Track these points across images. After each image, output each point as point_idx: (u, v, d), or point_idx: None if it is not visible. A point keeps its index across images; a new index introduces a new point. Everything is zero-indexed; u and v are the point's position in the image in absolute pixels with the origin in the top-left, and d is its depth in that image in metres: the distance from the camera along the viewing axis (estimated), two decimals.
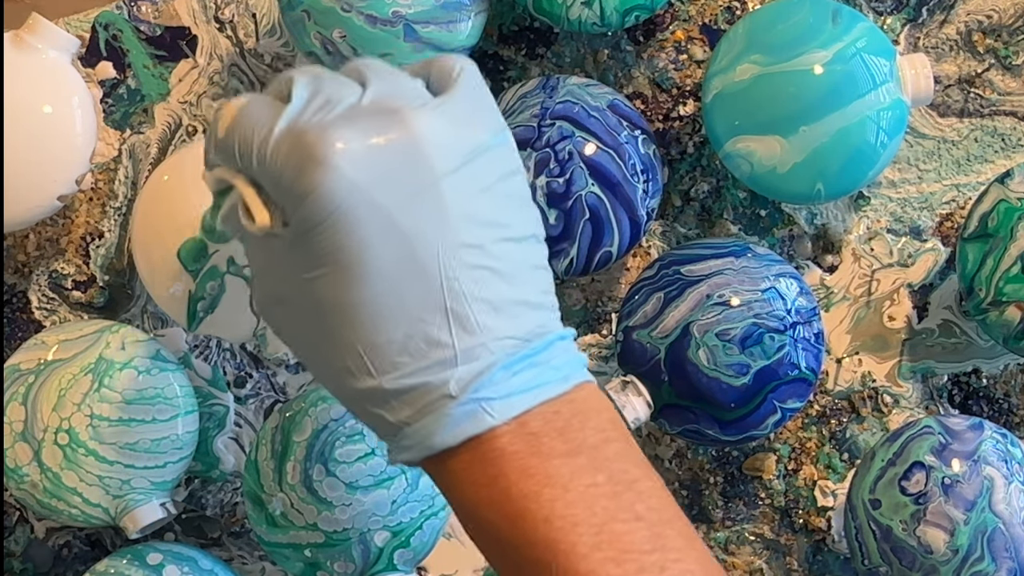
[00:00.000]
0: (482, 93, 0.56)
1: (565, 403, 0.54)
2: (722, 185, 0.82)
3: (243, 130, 0.54)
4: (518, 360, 0.53)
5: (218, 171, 0.55)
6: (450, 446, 0.53)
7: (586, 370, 0.56)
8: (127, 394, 0.77)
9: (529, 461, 0.52)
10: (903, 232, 0.82)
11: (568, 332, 0.56)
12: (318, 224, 0.52)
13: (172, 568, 0.77)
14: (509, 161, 0.56)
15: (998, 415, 0.81)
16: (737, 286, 0.73)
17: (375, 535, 0.74)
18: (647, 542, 0.52)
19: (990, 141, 0.81)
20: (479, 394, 0.52)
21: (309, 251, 0.52)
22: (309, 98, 0.53)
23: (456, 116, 0.54)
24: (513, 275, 0.54)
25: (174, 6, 0.84)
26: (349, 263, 0.52)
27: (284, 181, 0.52)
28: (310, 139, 0.51)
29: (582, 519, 0.51)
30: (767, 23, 0.74)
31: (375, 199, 0.51)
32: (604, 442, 0.54)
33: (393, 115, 0.53)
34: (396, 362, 0.53)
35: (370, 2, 0.74)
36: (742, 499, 0.82)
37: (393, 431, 0.54)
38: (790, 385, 0.73)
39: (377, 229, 0.52)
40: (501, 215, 0.54)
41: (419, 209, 0.52)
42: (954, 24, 0.81)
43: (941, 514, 0.70)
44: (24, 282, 0.85)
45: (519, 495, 0.52)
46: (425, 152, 0.52)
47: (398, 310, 0.52)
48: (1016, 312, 0.73)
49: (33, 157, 0.78)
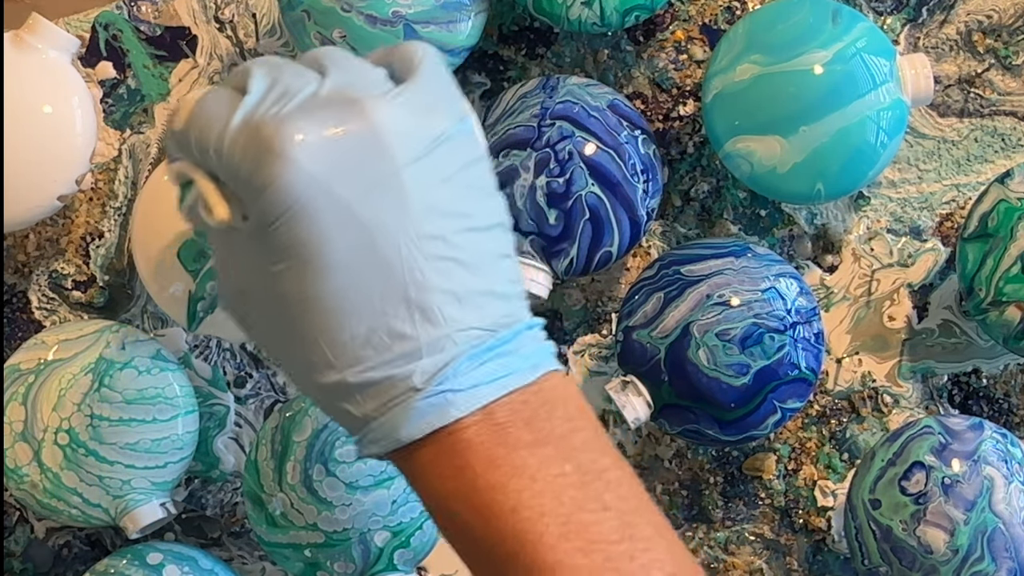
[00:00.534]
0: (444, 80, 0.55)
1: (533, 393, 0.53)
2: (722, 185, 0.82)
3: (201, 123, 0.53)
4: (484, 351, 0.52)
5: (178, 164, 0.55)
6: (416, 439, 0.52)
7: (555, 359, 0.55)
8: (127, 394, 0.77)
9: (495, 452, 0.52)
10: (903, 232, 0.82)
11: (536, 321, 0.55)
12: (277, 218, 0.51)
13: (172, 568, 0.77)
14: (472, 149, 0.55)
15: (998, 415, 0.81)
16: (737, 286, 0.73)
17: (375, 535, 0.74)
18: (615, 532, 0.51)
19: (990, 141, 0.81)
20: (444, 386, 0.52)
21: (269, 245, 0.52)
22: (267, 89, 0.53)
23: (417, 105, 0.53)
24: (478, 265, 0.53)
25: (174, 6, 0.84)
26: (309, 256, 0.51)
27: (242, 174, 0.51)
28: (267, 132, 0.51)
29: (549, 509, 0.51)
30: (767, 23, 0.74)
31: (334, 191, 0.51)
32: (572, 431, 0.53)
33: (352, 105, 0.52)
34: (360, 356, 0.52)
35: (370, 2, 0.74)
36: (742, 499, 0.82)
37: (360, 425, 0.54)
38: (790, 385, 0.73)
39: (337, 222, 0.51)
40: (464, 204, 0.53)
41: (379, 201, 0.51)
42: (954, 24, 0.81)
43: (941, 514, 0.70)
44: (24, 282, 0.85)
45: (486, 486, 0.51)
46: (385, 142, 0.51)
47: (360, 303, 0.52)
48: (1016, 312, 0.73)
49: (33, 157, 0.78)
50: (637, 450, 0.82)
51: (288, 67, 0.54)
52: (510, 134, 0.75)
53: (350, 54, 0.55)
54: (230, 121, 0.52)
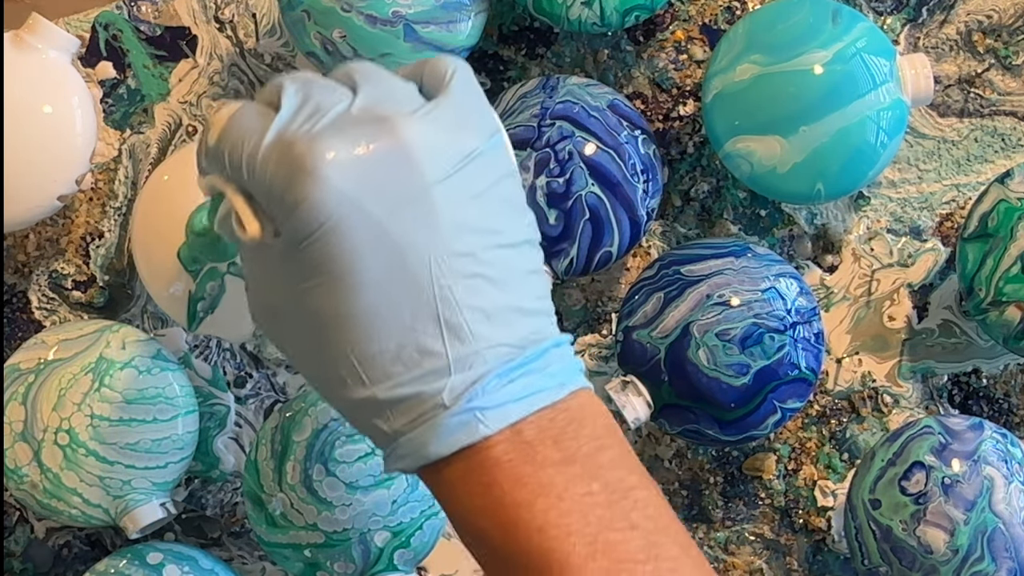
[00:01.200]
0: (475, 96, 0.56)
1: (560, 411, 0.53)
2: (722, 185, 0.82)
3: (233, 139, 0.53)
4: (513, 368, 0.53)
5: (210, 179, 0.55)
6: (444, 455, 0.53)
7: (583, 376, 0.55)
8: (127, 394, 0.77)
9: (523, 470, 0.52)
10: (903, 232, 0.82)
11: (564, 338, 0.55)
12: (309, 235, 0.51)
13: (172, 568, 0.77)
14: (502, 165, 0.55)
15: (998, 415, 0.81)
16: (737, 286, 0.73)
17: (375, 535, 0.74)
18: (642, 551, 0.51)
19: (990, 141, 0.81)
20: (473, 403, 0.52)
21: (301, 261, 0.52)
22: (298, 106, 0.53)
23: (447, 122, 0.53)
24: (506, 282, 0.53)
25: (174, 6, 0.84)
26: (341, 273, 0.52)
27: (274, 192, 0.52)
28: (299, 150, 0.51)
29: (576, 528, 0.51)
30: (767, 23, 0.74)
31: (365, 209, 0.51)
32: (599, 450, 0.53)
33: (383, 123, 0.52)
34: (389, 372, 0.52)
35: (370, 2, 0.74)
36: (742, 499, 0.82)
37: (388, 440, 0.54)
38: (790, 385, 0.73)
39: (368, 239, 0.51)
40: (494, 221, 0.54)
41: (410, 218, 0.52)
42: (954, 24, 0.81)
43: (941, 514, 0.70)
44: (24, 282, 0.85)
45: (513, 504, 0.52)
46: (415, 160, 0.52)
47: (391, 320, 0.52)
48: (1016, 312, 0.73)
49: (33, 157, 0.78)
50: (637, 450, 0.82)
51: (320, 83, 0.54)
52: (510, 134, 0.75)
53: (382, 69, 0.56)
54: (262, 138, 0.52)
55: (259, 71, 0.84)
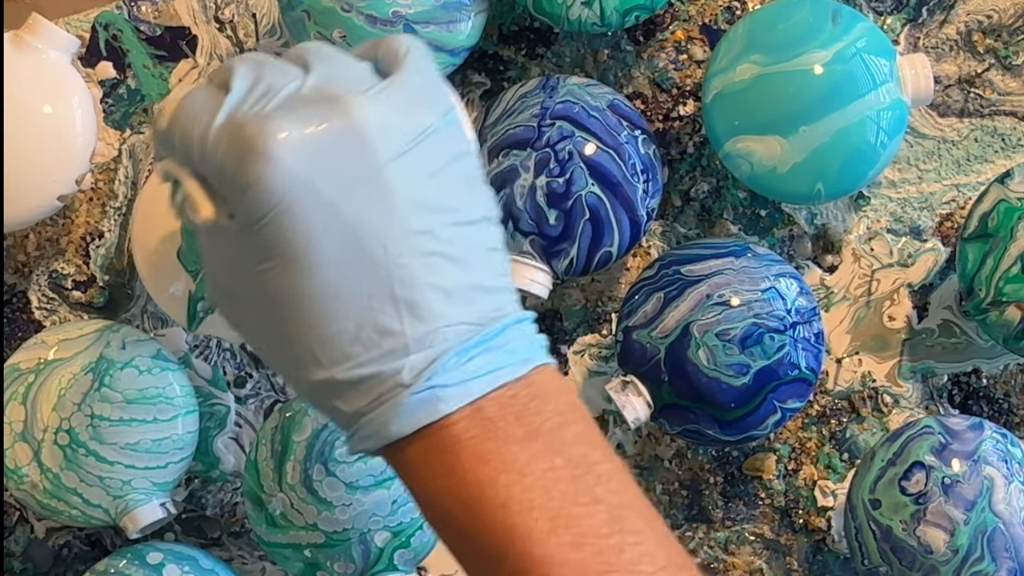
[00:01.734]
0: (429, 74, 0.55)
1: (523, 386, 0.53)
2: (722, 185, 0.82)
3: (184, 122, 0.53)
4: (472, 346, 0.52)
5: (165, 163, 0.55)
6: (406, 434, 0.52)
7: (545, 352, 0.55)
8: (128, 394, 0.77)
9: (485, 447, 0.52)
10: (903, 232, 0.82)
11: (526, 315, 0.55)
12: (262, 216, 0.51)
13: (172, 567, 0.77)
14: (458, 142, 0.55)
15: (998, 415, 0.81)
16: (737, 286, 0.73)
17: (375, 535, 0.74)
18: (605, 525, 0.51)
19: (990, 141, 0.81)
20: (432, 381, 0.52)
21: (255, 244, 0.52)
22: (249, 87, 0.53)
23: (401, 99, 0.53)
24: (466, 259, 0.53)
25: (174, 6, 0.84)
26: (295, 255, 0.51)
27: (226, 174, 0.52)
28: (249, 131, 0.51)
29: (539, 504, 0.51)
30: (767, 23, 0.74)
31: (318, 189, 0.51)
32: (562, 425, 0.53)
33: (334, 102, 0.52)
34: (348, 352, 0.52)
35: (370, 2, 0.74)
36: (742, 499, 0.82)
37: (350, 421, 0.54)
38: (790, 385, 0.73)
39: (321, 220, 0.51)
40: (450, 199, 0.53)
41: (364, 197, 0.51)
42: (954, 24, 0.81)
43: (941, 514, 0.70)
44: (24, 282, 0.85)
45: (475, 482, 0.51)
46: (367, 139, 0.51)
47: (348, 300, 0.52)
48: (1016, 312, 0.73)
49: (33, 157, 0.78)
50: (637, 450, 0.82)
51: (271, 64, 0.54)
52: (510, 134, 0.75)
53: (334, 49, 0.55)
54: (213, 120, 0.52)
55: None
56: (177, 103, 0.54)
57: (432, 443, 0.52)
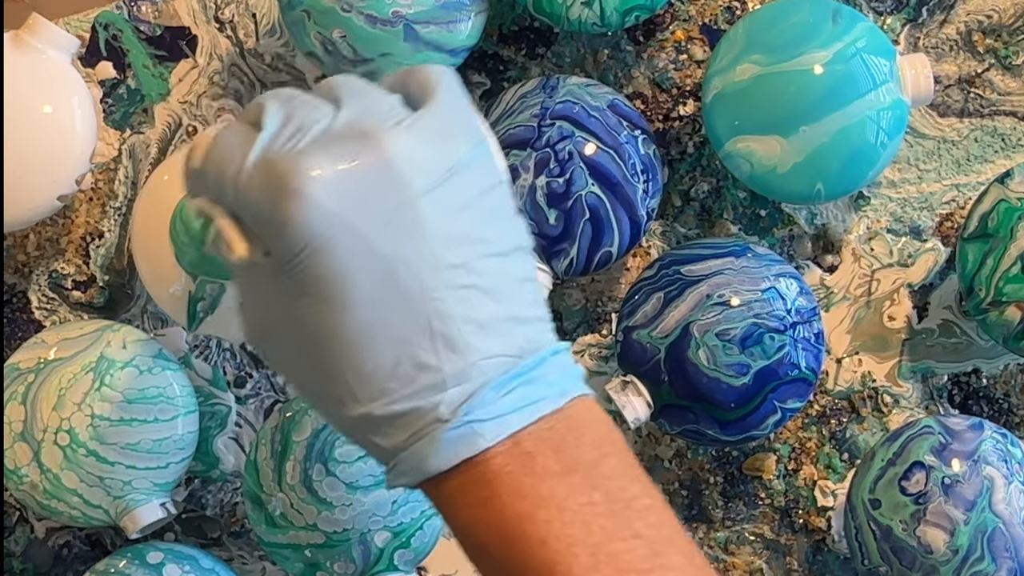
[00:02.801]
0: (460, 104, 0.55)
1: (560, 419, 0.53)
2: (722, 185, 0.82)
3: (217, 161, 0.53)
4: (510, 379, 0.52)
5: (198, 202, 0.55)
6: (444, 469, 0.52)
7: (583, 383, 0.55)
8: (128, 393, 0.77)
9: (523, 481, 0.51)
10: (903, 232, 0.82)
11: (562, 345, 0.55)
12: (297, 254, 0.51)
13: (173, 567, 0.77)
14: (490, 174, 0.54)
15: (998, 415, 0.81)
16: (737, 286, 0.73)
17: (375, 535, 0.74)
18: (645, 560, 0.51)
19: (990, 141, 0.81)
20: (470, 416, 0.51)
21: (290, 281, 0.52)
22: (281, 124, 0.52)
23: (432, 132, 0.53)
24: (500, 291, 0.53)
25: (174, 6, 0.84)
26: (331, 292, 0.51)
27: (261, 212, 0.51)
28: (282, 169, 0.51)
29: (579, 539, 0.51)
30: (767, 23, 0.74)
31: (352, 225, 0.51)
32: (601, 458, 0.53)
33: (366, 137, 0.51)
34: (385, 388, 0.52)
35: (370, 2, 0.74)
36: (742, 499, 0.82)
37: (388, 456, 0.54)
38: (790, 385, 0.73)
39: (356, 256, 0.51)
40: (483, 231, 0.53)
41: (398, 232, 0.51)
42: (954, 24, 0.81)
43: (941, 514, 0.70)
44: (24, 282, 0.85)
45: (514, 516, 0.51)
46: (400, 174, 0.51)
47: (384, 336, 0.52)
48: (1016, 312, 0.73)
49: (33, 157, 0.78)
50: (637, 450, 0.82)
51: (302, 100, 0.54)
52: (510, 134, 0.75)
53: (365, 82, 0.55)
54: (246, 159, 0.52)
55: (259, 71, 0.84)
56: (210, 141, 0.54)
57: (470, 477, 0.52)
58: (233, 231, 0.53)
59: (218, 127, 0.54)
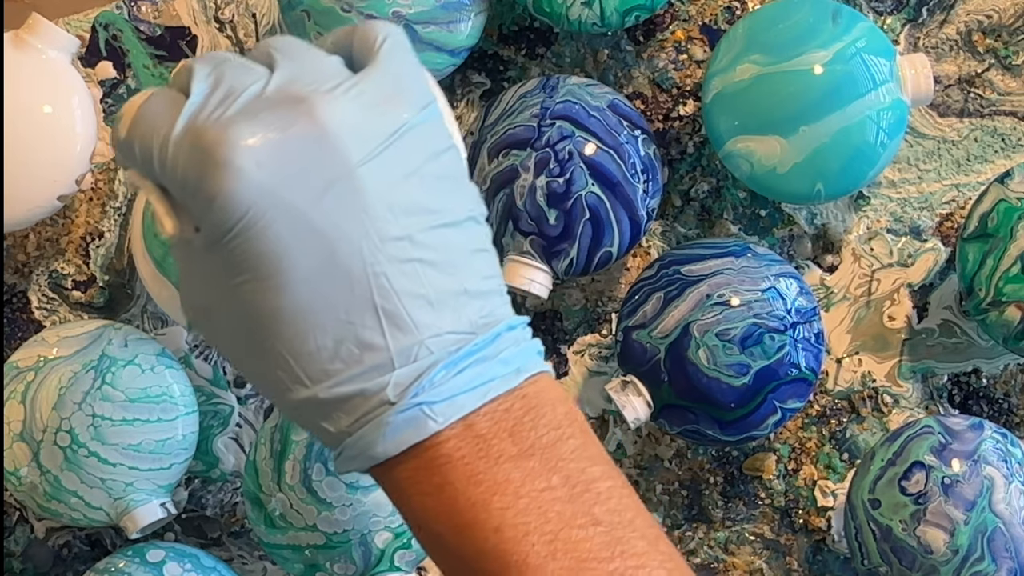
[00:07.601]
0: (406, 65, 0.51)
1: (516, 399, 0.50)
2: (722, 185, 0.82)
3: (142, 131, 0.49)
4: (462, 357, 0.49)
5: (128, 174, 0.52)
6: (393, 455, 0.49)
7: (540, 360, 0.52)
8: (130, 392, 0.76)
9: (477, 466, 0.49)
10: (903, 232, 0.82)
11: (518, 320, 0.51)
12: (228, 230, 0.48)
13: (173, 566, 0.77)
14: (438, 139, 0.51)
15: (998, 415, 0.81)
16: (737, 286, 0.73)
17: (376, 536, 0.74)
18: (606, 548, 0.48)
19: (990, 141, 0.81)
20: (419, 398, 0.49)
21: (225, 258, 0.49)
22: (209, 90, 0.49)
23: (373, 95, 0.49)
24: (449, 264, 0.50)
25: (174, 6, 0.84)
26: (267, 270, 0.48)
27: (188, 186, 0.48)
28: (209, 139, 0.47)
29: (535, 527, 0.48)
30: (767, 23, 0.74)
31: (286, 198, 0.47)
32: (559, 439, 0.50)
33: (299, 103, 0.48)
34: (328, 370, 0.49)
35: (370, 2, 0.74)
36: (742, 499, 0.82)
37: (335, 441, 0.51)
38: (790, 385, 0.73)
39: (291, 231, 0.48)
40: (430, 200, 0.50)
41: (335, 205, 0.48)
42: (954, 24, 0.81)
43: (941, 514, 0.71)
44: (24, 282, 0.85)
45: (467, 504, 0.49)
46: (335, 142, 0.48)
47: (325, 315, 0.48)
48: (1016, 312, 0.73)
49: (33, 157, 0.78)
50: (637, 450, 0.82)
51: (233, 63, 0.50)
52: (510, 134, 0.75)
53: (304, 43, 0.52)
54: (172, 128, 0.49)
55: None
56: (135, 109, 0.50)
57: (421, 463, 0.49)
58: (162, 206, 0.50)
59: (146, 93, 0.50)
